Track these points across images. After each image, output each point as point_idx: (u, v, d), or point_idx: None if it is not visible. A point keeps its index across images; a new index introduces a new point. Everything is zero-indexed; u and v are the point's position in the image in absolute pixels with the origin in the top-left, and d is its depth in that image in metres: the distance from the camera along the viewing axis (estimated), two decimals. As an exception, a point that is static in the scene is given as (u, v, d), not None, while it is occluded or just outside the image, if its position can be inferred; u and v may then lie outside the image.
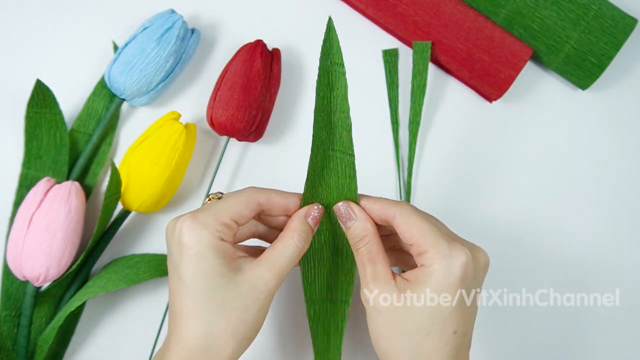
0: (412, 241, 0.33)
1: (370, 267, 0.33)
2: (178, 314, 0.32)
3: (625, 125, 0.49)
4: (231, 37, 0.50)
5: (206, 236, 0.32)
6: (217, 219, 0.33)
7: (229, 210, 0.33)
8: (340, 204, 0.35)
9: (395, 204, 0.34)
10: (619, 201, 0.48)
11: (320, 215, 0.35)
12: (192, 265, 0.32)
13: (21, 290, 0.44)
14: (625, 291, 0.46)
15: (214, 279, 0.31)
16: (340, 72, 0.34)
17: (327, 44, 0.34)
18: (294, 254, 0.33)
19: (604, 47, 0.45)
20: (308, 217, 0.35)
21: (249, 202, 0.34)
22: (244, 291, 0.32)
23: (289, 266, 0.33)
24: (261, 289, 0.32)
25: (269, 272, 0.32)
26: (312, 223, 0.35)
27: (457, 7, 0.46)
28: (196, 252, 0.32)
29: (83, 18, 0.50)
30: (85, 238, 0.45)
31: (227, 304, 0.31)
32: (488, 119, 0.49)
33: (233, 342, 0.32)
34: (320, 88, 0.34)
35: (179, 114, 0.45)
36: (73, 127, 0.47)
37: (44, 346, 0.42)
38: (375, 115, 0.49)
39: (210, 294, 0.31)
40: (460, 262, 0.32)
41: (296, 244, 0.34)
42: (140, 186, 0.43)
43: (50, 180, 0.43)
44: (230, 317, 0.31)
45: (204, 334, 0.31)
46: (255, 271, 0.32)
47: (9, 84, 0.48)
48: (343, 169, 0.35)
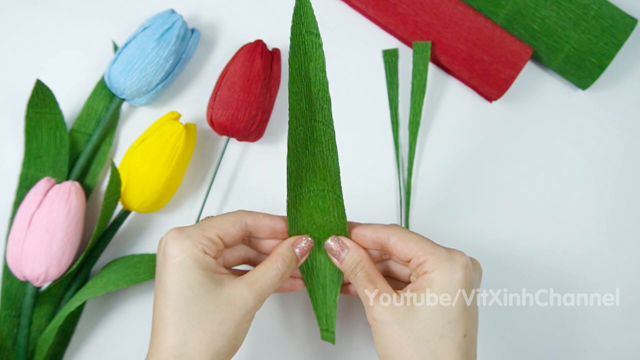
0: (411, 254, 0.34)
1: (371, 286, 0.34)
2: (157, 323, 0.33)
3: (625, 125, 0.49)
4: (231, 37, 0.50)
5: (189, 247, 0.33)
6: (202, 232, 0.34)
7: (215, 226, 0.34)
8: (330, 240, 0.36)
9: (387, 227, 0.36)
10: (619, 201, 0.48)
11: (308, 248, 0.36)
12: (173, 273, 0.32)
13: (21, 290, 0.44)
14: (625, 291, 0.46)
15: (193, 289, 0.32)
16: (317, 43, 0.33)
17: (299, 12, 0.33)
18: (276, 278, 0.34)
19: (604, 47, 0.45)
20: (296, 247, 0.36)
21: (235, 222, 0.35)
22: (222, 304, 0.32)
23: (269, 288, 0.34)
24: (239, 305, 0.33)
25: (248, 290, 0.33)
26: (298, 253, 0.36)
27: (457, 7, 0.46)
28: (178, 261, 0.32)
29: (83, 18, 0.50)
30: (85, 238, 0.45)
31: (204, 315, 0.32)
32: (488, 119, 0.49)
33: (206, 355, 0.32)
34: (295, 59, 0.33)
35: (179, 114, 0.45)
36: (73, 127, 0.47)
37: (44, 346, 0.42)
38: (375, 115, 0.49)
39: (188, 303, 0.32)
40: (461, 264, 0.33)
41: (279, 267, 0.34)
42: (140, 186, 0.43)
43: (50, 180, 0.43)
44: (205, 329, 0.32)
45: (178, 343, 0.32)
46: (235, 287, 0.33)
47: (9, 84, 0.48)
48: (326, 140, 0.35)
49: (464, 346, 0.32)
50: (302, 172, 0.36)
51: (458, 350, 0.32)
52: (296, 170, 0.36)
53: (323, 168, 0.36)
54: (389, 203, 0.47)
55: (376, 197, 0.47)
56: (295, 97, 0.34)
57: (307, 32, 0.33)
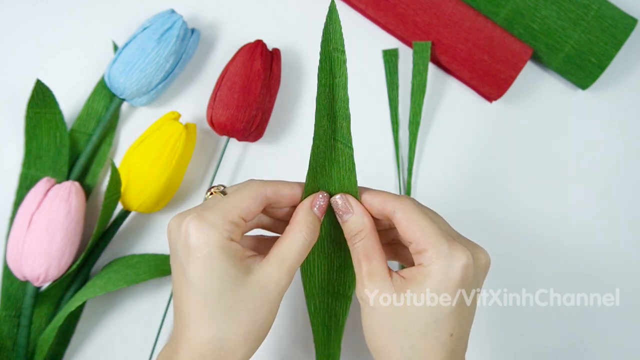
0: (412, 239, 0.32)
1: (365, 264, 0.32)
2: (186, 318, 0.31)
3: (625, 125, 0.49)
4: (231, 37, 0.50)
5: (215, 237, 0.30)
6: (226, 217, 0.31)
7: (237, 208, 0.32)
8: (338, 196, 0.34)
9: (397, 198, 0.33)
10: (619, 200, 0.48)
11: (326, 204, 0.34)
12: (201, 267, 0.30)
13: (21, 290, 0.44)
14: (625, 291, 0.46)
15: (224, 282, 0.30)
16: (341, 60, 0.33)
17: (328, 28, 0.33)
18: (303, 248, 0.32)
19: (604, 47, 0.45)
20: (314, 207, 0.34)
21: (256, 197, 0.32)
22: (255, 292, 0.31)
23: (299, 261, 0.32)
24: (272, 288, 0.31)
25: (278, 270, 0.31)
26: (318, 213, 0.34)
27: (457, 7, 0.46)
28: (205, 255, 0.30)
29: (83, 18, 0.50)
30: (85, 238, 0.45)
31: (238, 307, 0.31)
32: (488, 119, 0.49)
33: (245, 345, 0.31)
34: (322, 75, 0.33)
35: (179, 114, 0.45)
36: (73, 127, 0.47)
37: (44, 346, 0.42)
38: (375, 115, 0.49)
39: (220, 296, 0.30)
40: (460, 264, 0.30)
41: (304, 237, 0.32)
42: (140, 186, 0.43)
43: (50, 180, 0.43)
44: (241, 320, 0.31)
45: (215, 337, 0.30)
46: (265, 270, 0.31)
47: (9, 84, 0.48)
48: (344, 160, 0.34)
49: (449, 345, 0.31)
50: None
51: (442, 349, 0.31)
52: (312, 191, 0.35)
53: (339, 189, 0.35)
54: (389, 203, 0.47)
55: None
56: (319, 114, 0.33)
57: (334, 48, 0.33)
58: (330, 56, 0.33)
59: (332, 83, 0.33)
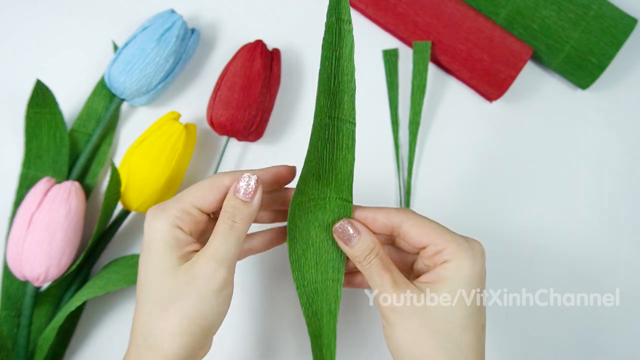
0: (427, 241, 0.32)
1: (387, 275, 0.32)
2: (134, 310, 0.31)
3: (625, 125, 0.49)
4: (231, 37, 0.50)
5: (160, 226, 0.31)
6: (177, 205, 0.31)
7: (191, 195, 0.32)
8: (338, 225, 0.33)
9: (399, 211, 0.33)
10: (618, 201, 0.48)
11: (253, 187, 0.31)
12: (143, 252, 0.31)
13: (21, 290, 0.44)
14: (625, 291, 0.46)
15: (160, 271, 0.30)
16: (347, 30, 0.31)
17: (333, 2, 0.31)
18: (229, 239, 0.31)
19: (604, 47, 0.45)
20: (236, 193, 0.31)
21: (211, 185, 0.32)
22: (187, 284, 0.30)
23: (229, 251, 0.31)
24: (203, 282, 0.30)
25: (207, 265, 0.30)
26: (245, 198, 0.31)
27: (457, 7, 0.46)
28: (147, 240, 0.31)
29: (83, 18, 0.50)
30: (85, 238, 0.45)
31: (174, 297, 0.30)
32: (488, 119, 0.49)
33: (181, 339, 0.30)
34: (326, 47, 0.31)
35: (179, 114, 0.45)
36: (73, 127, 0.47)
37: (44, 346, 0.42)
38: (375, 115, 0.49)
39: (157, 286, 0.30)
40: (480, 252, 0.32)
41: (225, 228, 0.31)
42: (140, 186, 0.43)
43: (50, 180, 0.43)
44: (175, 310, 0.30)
45: (147, 331, 0.30)
46: (196, 262, 0.30)
47: (9, 84, 0.48)
48: (339, 138, 0.32)
49: (482, 336, 0.32)
50: (308, 176, 0.33)
51: (479, 342, 0.31)
52: (303, 176, 0.33)
53: (329, 171, 0.33)
54: (389, 203, 0.47)
55: (376, 197, 0.47)
56: (319, 92, 0.31)
57: (337, 19, 0.31)
58: (333, 27, 0.31)
59: (338, 55, 0.31)
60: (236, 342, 0.45)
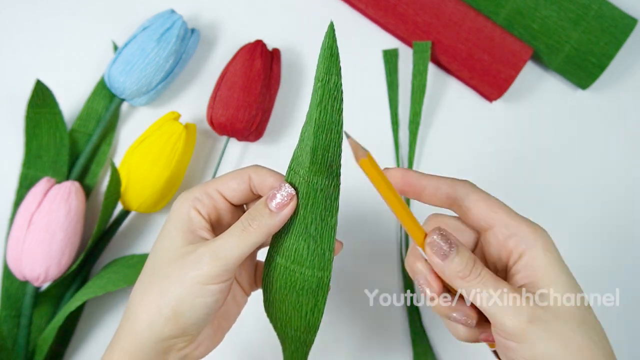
0: (498, 221, 0.28)
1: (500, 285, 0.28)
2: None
3: (625, 125, 0.49)
4: (231, 37, 0.50)
5: (181, 202, 0.30)
6: (202, 187, 0.30)
7: (217, 180, 0.31)
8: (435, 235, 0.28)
9: (463, 183, 0.30)
10: (618, 200, 0.48)
11: (287, 199, 0.29)
12: (161, 233, 0.30)
13: (21, 290, 0.44)
14: (625, 291, 0.46)
15: (168, 250, 0.29)
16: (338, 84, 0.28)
17: (326, 52, 0.28)
18: (240, 239, 0.29)
19: (604, 47, 0.45)
20: (270, 201, 0.29)
21: (238, 174, 0.30)
22: (187, 273, 0.28)
23: (234, 252, 0.28)
24: (203, 279, 0.28)
25: (210, 265, 0.28)
26: (274, 208, 0.29)
27: (457, 7, 0.46)
28: (167, 219, 0.30)
29: (83, 18, 0.50)
30: (85, 238, 0.45)
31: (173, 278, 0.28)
32: (488, 119, 0.49)
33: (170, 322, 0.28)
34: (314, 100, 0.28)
35: (179, 114, 0.45)
36: (73, 127, 0.47)
37: (44, 346, 0.42)
38: (375, 115, 0.49)
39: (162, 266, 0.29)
40: (549, 236, 0.29)
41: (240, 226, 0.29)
42: (140, 186, 0.43)
43: (50, 180, 0.43)
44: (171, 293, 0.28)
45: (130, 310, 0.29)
46: (197, 250, 0.29)
47: (9, 84, 0.48)
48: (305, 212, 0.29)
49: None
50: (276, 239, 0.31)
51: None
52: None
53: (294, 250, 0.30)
54: (389, 203, 0.47)
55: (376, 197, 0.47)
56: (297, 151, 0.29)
57: (327, 72, 0.28)
58: (324, 82, 0.27)
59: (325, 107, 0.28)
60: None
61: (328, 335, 0.44)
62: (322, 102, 0.27)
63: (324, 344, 0.44)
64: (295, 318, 0.31)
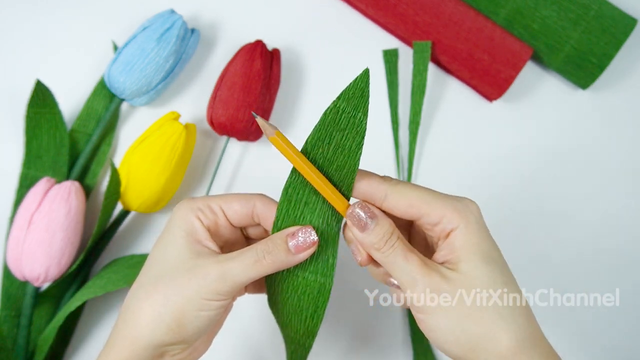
0: (419, 213, 0.29)
1: (414, 256, 0.29)
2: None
3: (625, 125, 0.49)
4: (231, 37, 0.50)
5: (183, 210, 0.30)
6: (205, 199, 0.31)
7: (222, 198, 0.31)
8: (357, 208, 0.29)
9: (383, 181, 0.30)
10: (619, 200, 0.48)
11: (307, 244, 0.29)
12: (159, 237, 0.31)
13: (21, 290, 0.44)
14: (625, 291, 0.46)
15: (171, 256, 0.30)
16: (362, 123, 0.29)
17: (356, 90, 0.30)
18: (252, 268, 0.29)
19: (604, 47, 0.45)
20: (290, 240, 0.29)
21: (242, 198, 0.31)
22: (187, 279, 0.29)
23: (242, 278, 0.29)
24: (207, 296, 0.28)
25: (219, 275, 0.28)
26: (292, 249, 0.29)
27: (457, 7, 0.46)
28: (167, 225, 0.31)
29: (83, 18, 0.50)
30: (85, 238, 0.45)
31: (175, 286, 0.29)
32: (488, 118, 0.49)
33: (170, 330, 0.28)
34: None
35: (178, 114, 0.45)
36: (73, 127, 0.47)
37: (44, 346, 0.42)
38: (375, 115, 0.49)
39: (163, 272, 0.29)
40: (477, 210, 0.30)
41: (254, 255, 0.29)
42: (140, 186, 0.43)
43: (50, 180, 0.43)
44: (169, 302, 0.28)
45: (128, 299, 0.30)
46: (206, 266, 0.29)
47: (9, 84, 0.48)
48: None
49: (517, 289, 0.31)
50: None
51: (519, 296, 0.30)
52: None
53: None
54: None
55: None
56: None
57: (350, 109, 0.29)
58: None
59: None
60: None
61: (328, 334, 0.44)
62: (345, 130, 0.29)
63: (324, 343, 0.44)
64: (295, 321, 0.32)
